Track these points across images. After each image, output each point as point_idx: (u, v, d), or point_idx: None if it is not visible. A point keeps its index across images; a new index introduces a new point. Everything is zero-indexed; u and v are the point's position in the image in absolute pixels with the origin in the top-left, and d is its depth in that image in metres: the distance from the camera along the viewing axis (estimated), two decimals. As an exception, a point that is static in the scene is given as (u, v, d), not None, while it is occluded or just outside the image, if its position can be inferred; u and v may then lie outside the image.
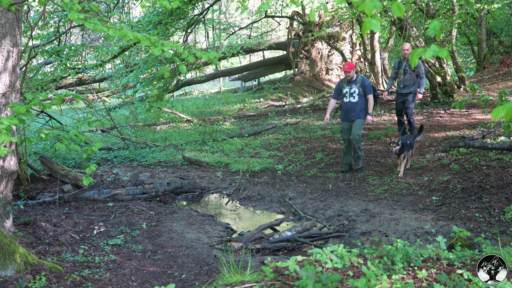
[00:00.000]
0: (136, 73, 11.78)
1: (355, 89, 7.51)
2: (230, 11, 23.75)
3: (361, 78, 7.56)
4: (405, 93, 8.54)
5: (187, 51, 3.19)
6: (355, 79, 7.58)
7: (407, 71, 8.45)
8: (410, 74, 8.44)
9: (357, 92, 7.50)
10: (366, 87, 7.51)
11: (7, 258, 3.65)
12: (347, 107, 7.56)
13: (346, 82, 7.62)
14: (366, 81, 7.54)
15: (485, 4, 5.94)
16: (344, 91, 7.60)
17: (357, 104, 7.50)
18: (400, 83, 8.59)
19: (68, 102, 20.19)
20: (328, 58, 19.00)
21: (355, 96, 7.49)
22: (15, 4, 3.86)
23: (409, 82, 8.46)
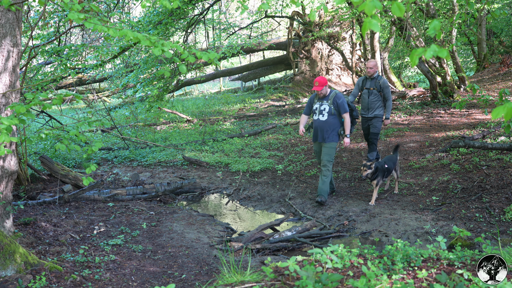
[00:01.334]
0: (136, 73, 11.78)
1: (325, 106, 6.54)
2: (230, 11, 23.76)
3: (334, 95, 6.56)
4: (370, 117, 7.46)
5: (187, 51, 3.19)
6: (328, 95, 6.61)
7: (372, 92, 7.39)
8: (375, 95, 7.38)
9: (327, 110, 6.53)
10: (339, 105, 6.50)
11: (7, 258, 3.65)
12: (315, 125, 6.64)
13: (318, 97, 6.68)
14: (340, 98, 6.54)
15: (485, 4, 5.94)
16: (314, 107, 6.66)
17: (326, 124, 6.51)
18: (364, 105, 7.49)
19: (68, 102, 20.20)
20: (328, 58, 19.01)
21: (324, 114, 6.54)
22: (15, 4, 3.86)
23: (374, 104, 7.40)
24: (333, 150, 6.55)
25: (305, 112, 6.82)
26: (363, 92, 7.48)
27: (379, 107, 7.42)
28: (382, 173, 6.27)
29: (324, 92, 6.57)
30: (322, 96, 6.58)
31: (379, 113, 7.43)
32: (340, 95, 6.57)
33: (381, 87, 7.32)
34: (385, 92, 7.34)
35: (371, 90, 7.38)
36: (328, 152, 6.52)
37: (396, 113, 12.55)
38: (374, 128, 7.47)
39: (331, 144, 6.53)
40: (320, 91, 6.52)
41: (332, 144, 6.53)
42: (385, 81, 7.35)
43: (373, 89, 7.36)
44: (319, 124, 6.55)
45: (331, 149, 6.53)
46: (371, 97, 7.39)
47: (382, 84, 7.31)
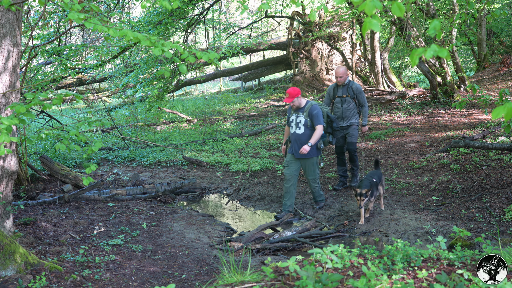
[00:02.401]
0: (136, 73, 11.78)
1: (301, 118, 6.17)
2: (230, 11, 23.76)
3: (310, 106, 6.14)
4: (345, 125, 6.94)
5: (187, 51, 3.19)
6: (304, 106, 6.21)
7: (345, 99, 6.89)
8: (349, 103, 6.90)
9: (303, 123, 6.14)
10: (313, 116, 6.09)
11: (7, 258, 3.65)
12: (292, 139, 6.28)
13: (293, 109, 6.30)
14: (315, 110, 6.11)
15: (485, 4, 5.94)
16: (290, 120, 6.31)
17: (303, 137, 6.15)
18: (338, 115, 6.97)
19: (68, 102, 20.20)
20: (329, 58, 19.00)
21: (300, 127, 6.17)
22: (16, 4, 3.86)
23: (348, 112, 6.91)
24: (316, 166, 6.28)
25: (287, 123, 6.48)
26: (336, 101, 6.98)
27: (355, 114, 6.96)
28: (375, 187, 5.84)
29: (297, 103, 6.16)
30: (296, 107, 6.21)
31: (355, 121, 6.96)
32: (315, 106, 6.17)
33: (354, 93, 6.87)
34: (360, 98, 6.89)
35: (344, 97, 6.90)
36: (311, 170, 6.27)
37: (396, 113, 12.55)
38: (351, 137, 6.97)
39: (312, 160, 6.22)
40: (292, 103, 6.14)
41: (313, 159, 6.23)
42: (358, 86, 6.92)
43: (346, 96, 6.90)
44: (296, 138, 6.21)
45: (314, 166, 6.26)
46: (345, 105, 6.90)
47: (355, 90, 6.87)
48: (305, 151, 5.98)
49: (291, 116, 6.34)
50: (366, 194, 5.61)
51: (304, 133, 6.18)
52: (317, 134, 6.07)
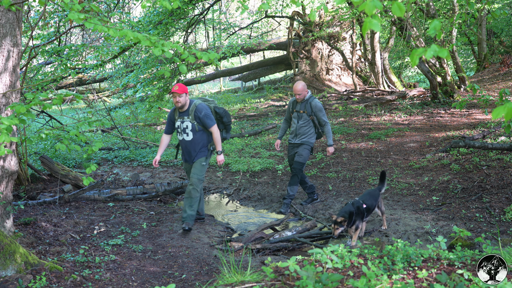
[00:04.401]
0: (136, 73, 11.78)
1: (187, 123, 5.46)
2: (231, 11, 23.76)
3: (194, 108, 5.41)
4: (296, 143, 6.42)
5: (187, 51, 3.19)
6: (188, 108, 5.45)
7: (302, 116, 6.34)
8: (305, 120, 6.33)
9: (191, 128, 5.45)
10: (201, 119, 5.40)
11: (8, 258, 3.65)
12: (182, 146, 5.66)
13: (178, 112, 5.53)
14: (202, 111, 5.39)
15: (486, 4, 5.94)
16: (176, 125, 5.58)
17: (194, 143, 5.52)
18: (292, 130, 6.50)
19: (69, 102, 20.21)
20: (329, 58, 19.01)
21: (188, 132, 5.48)
22: (16, 4, 3.86)
23: (302, 130, 6.36)
24: (204, 167, 5.58)
25: (165, 130, 5.71)
26: (293, 116, 6.47)
27: (310, 134, 6.37)
28: (361, 215, 5.05)
29: (183, 101, 5.39)
30: (181, 108, 5.44)
31: (308, 140, 6.37)
32: (201, 107, 5.42)
33: (312, 110, 6.27)
34: (319, 117, 6.27)
35: (301, 113, 6.34)
36: (198, 169, 5.54)
37: (396, 113, 12.55)
38: (299, 157, 6.36)
39: (201, 160, 5.56)
40: (179, 98, 5.33)
41: (202, 160, 5.56)
42: (318, 104, 6.27)
43: (303, 112, 6.31)
44: (185, 145, 5.58)
45: (201, 166, 5.56)
46: (301, 121, 6.35)
47: (314, 107, 6.26)
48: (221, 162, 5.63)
49: (175, 121, 5.57)
50: (342, 223, 4.84)
51: (194, 140, 5.52)
52: (217, 137, 5.49)
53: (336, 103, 14.70)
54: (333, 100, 15.53)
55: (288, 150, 6.65)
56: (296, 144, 6.43)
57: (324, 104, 14.59)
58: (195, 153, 5.56)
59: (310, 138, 6.38)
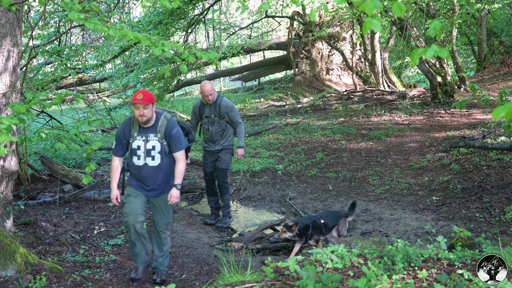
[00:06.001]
0: (136, 73, 11.79)
1: (155, 142, 4.05)
2: (231, 11, 23.76)
3: (165, 123, 4.07)
4: (216, 150, 5.88)
5: (188, 51, 3.20)
6: (156, 122, 4.07)
7: (214, 120, 5.75)
8: (219, 124, 5.77)
9: (159, 149, 4.06)
10: (172, 137, 4.05)
11: (8, 258, 3.65)
12: (142, 175, 4.09)
13: (137, 127, 4.07)
14: (174, 127, 4.07)
15: (486, 4, 5.94)
16: (134, 145, 4.06)
17: (161, 171, 4.11)
18: (207, 137, 5.88)
19: (69, 102, 20.21)
20: (329, 58, 19.01)
21: (155, 156, 4.07)
22: (16, 4, 3.86)
23: (219, 135, 5.82)
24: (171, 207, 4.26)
25: (116, 152, 4.16)
26: (203, 122, 5.84)
27: (228, 136, 5.86)
28: (319, 229, 4.78)
29: (149, 115, 3.96)
30: (146, 123, 4.01)
31: (228, 144, 5.87)
32: (173, 121, 4.13)
33: (221, 112, 5.71)
34: (231, 116, 5.76)
35: (212, 118, 5.75)
36: (166, 210, 4.23)
37: (396, 113, 12.55)
38: (222, 163, 5.86)
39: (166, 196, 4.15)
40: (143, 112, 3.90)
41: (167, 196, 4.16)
42: (228, 103, 5.73)
43: (214, 116, 5.74)
44: (147, 173, 4.08)
45: (169, 207, 4.22)
46: (214, 126, 5.77)
47: (224, 108, 5.71)
48: (175, 199, 4.06)
49: (133, 139, 4.08)
50: (292, 229, 4.57)
51: (161, 166, 4.10)
52: (180, 168, 4.11)
53: (336, 103, 14.70)
54: (333, 100, 15.53)
55: (203, 157, 6.00)
56: (217, 151, 5.89)
57: (324, 104, 14.59)
58: (162, 185, 4.15)
59: (230, 141, 5.91)
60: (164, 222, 4.25)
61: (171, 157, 4.15)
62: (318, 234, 4.79)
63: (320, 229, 4.80)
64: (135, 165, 4.11)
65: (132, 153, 4.12)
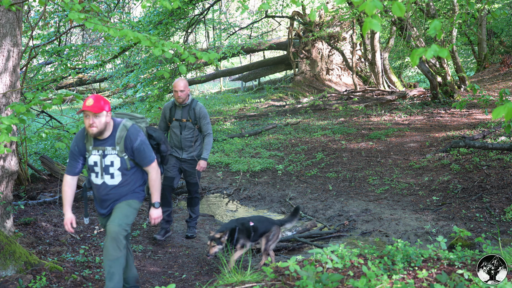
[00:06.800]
0: (136, 73, 11.79)
1: (113, 157, 3.42)
2: (231, 11, 23.76)
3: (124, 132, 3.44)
4: (184, 158, 5.23)
5: (187, 52, 3.20)
6: (113, 132, 3.43)
7: (186, 125, 5.16)
8: (190, 129, 5.18)
9: (119, 166, 3.44)
10: (135, 151, 3.44)
11: (8, 258, 3.65)
12: (99, 194, 3.53)
13: (92, 139, 3.44)
14: (137, 138, 3.45)
15: (486, 4, 5.94)
16: (91, 161, 3.46)
17: (121, 189, 3.49)
18: (175, 143, 5.24)
19: (69, 102, 20.20)
20: (329, 58, 19.01)
21: (114, 173, 3.45)
22: (16, 4, 3.86)
23: (189, 141, 5.20)
24: (133, 211, 3.51)
25: (70, 171, 3.50)
26: (173, 125, 5.22)
27: (198, 145, 5.28)
28: (246, 233, 4.37)
29: (101, 125, 3.31)
30: (99, 134, 3.36)
31: (197, 155, 5.27)
32: (134, 130, 3.45)
33: (196, 117, 5.15)
34: (203, 124, 5.19)
35: (184, 122, 5.16)
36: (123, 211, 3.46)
37: (396, 113, 12.55)
38: (194, 177, 5.30)
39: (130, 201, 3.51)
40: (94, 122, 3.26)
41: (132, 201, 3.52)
42: (202, 108, 5.19)
43: (187, 120, 5.16)
44: (106, 193, 3.49)
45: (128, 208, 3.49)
46: (185, 132, 5.17)
47: (199, 113, 5.16)
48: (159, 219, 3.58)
49: (89, 153, 3.45)
50: (221, 240, 4.14)
51: (123, 183, 3.48)
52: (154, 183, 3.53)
53: (336, 103, 14.70)
54: (333, 100, 15.53)
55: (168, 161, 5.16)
56: (183, 160, 5.25)
57: (324, 104, 14.59)
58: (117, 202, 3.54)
59: (200, 151, 5.29)
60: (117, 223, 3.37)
61: (136, 173, 3.53)
62: (245, 239, 4.33)
63: (248, 233, 4.33)
64: (93, 183, 3.52)
65: (89, 170, 3.50)
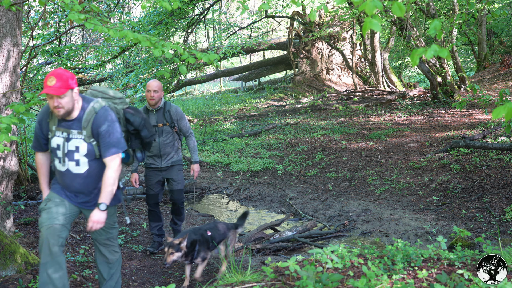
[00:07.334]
0: (136, 73, 11.80)
1: (78, 140, 2.97)
2: (231, 11, 23.76)
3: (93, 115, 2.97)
4: (164, 167, 4.81)
5: (187, 52, 3.19)
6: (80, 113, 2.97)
7: (163, 129, 4.75)
8: (168, 134, 4.77)
9: (86, 151, 2.99)
10: (100, 135, 2.96)
11: (8, 258, 3.65)
12: (64, 182, 3.07)
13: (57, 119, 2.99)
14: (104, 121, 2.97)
15: (486, 4, 5.94)
16: (53, 144, 3.01)
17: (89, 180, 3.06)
18: (153, 150, 4.77)
19: (69, 102, 20.20)
20: (329, 58, 19.01)
21: (79, 160, 3.00)
22: (16, 4, 3.86)
23: (169, 147, 4.79)
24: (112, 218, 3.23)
25: (36, 147, 3.13)
26: None
27: (177, 149, 4.87)
28: (206, 244, 3.98)
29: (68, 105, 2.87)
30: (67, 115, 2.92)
31: (178, 159, 4.86)
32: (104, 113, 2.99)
33: (173, 120, 4.78)
34: (182, 125, 4.82)
35: (161, 127, 4.75)
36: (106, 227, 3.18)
37: (396, 113, 12.55)
38: (177, 184, 4.86)
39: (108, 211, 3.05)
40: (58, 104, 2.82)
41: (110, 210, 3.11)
42: (178, 109, 4.83)
43: (164, 124, 4.75)
44: (72, 183, 3.04)
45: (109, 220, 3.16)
46: (163, 137, 4.76)
47: (175, 115, 4.79)
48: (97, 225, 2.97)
49: (51, 134, 3.01)
50: (180, 247, 3.70)
51: (91, 172, 3.05)
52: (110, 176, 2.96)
53: (336, 103, 14.69)
54: (333, 100, 15.53)
55: (147, 177, 4.86)
56: (165, 168, 4.82)
57: (324, 104, 14.59)
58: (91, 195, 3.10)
59: (179, 155, 4.91)
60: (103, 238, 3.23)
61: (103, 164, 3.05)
62: (205, 251, 3.96)
63: (208, 244, 3.97)
64: (57, 169, 3.07)
65: (52, 153, 3.05)
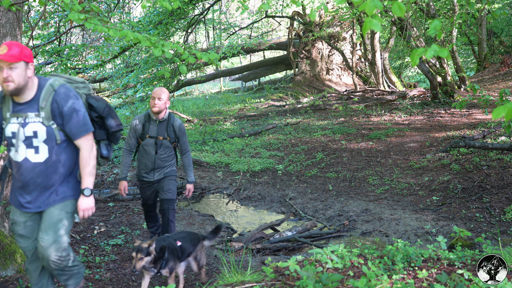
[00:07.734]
0: (136, 73, 11.80)
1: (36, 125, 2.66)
2: (231, 11, 23.76)
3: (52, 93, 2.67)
4: (156, 180, 4.59)
5: (188, 52, 3.19)
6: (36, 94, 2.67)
7: (163, 143, 4.48)
8: (166, 148, 4.53)
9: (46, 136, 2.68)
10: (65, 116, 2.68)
11: (8, 258, 3.65)
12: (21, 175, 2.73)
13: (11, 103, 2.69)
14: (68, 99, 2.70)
15: (486, 4, 5.94)
16: (8, 132, 2.69)
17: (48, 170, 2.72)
18: (146, 164, 4.54)
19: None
20: (329, 58, 19.02)
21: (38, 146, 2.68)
22: (16, 4, 3.86)
23: (164, 161, 4.55)
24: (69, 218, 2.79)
25: None
26: (146, 143, 4.49)
27: (171, 162, 4.64)
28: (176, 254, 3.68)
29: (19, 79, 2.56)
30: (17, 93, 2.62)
31: (171, 170, 4.63)
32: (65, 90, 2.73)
33: (176, 135, 4.53)
34: (183, 142, 4.59)
35: (161, 140, 4.46)
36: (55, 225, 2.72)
37: (396, 113, 12.55)
38: (169, 193, 4.57)
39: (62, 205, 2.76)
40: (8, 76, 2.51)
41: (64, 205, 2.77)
42: (182, 125, 4.59)
43: (164, 138, 4.47)
44: (28, 173, 2.71)
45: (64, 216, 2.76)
46: (161, 151, 4.49)
47: (178, 130, 4.54)
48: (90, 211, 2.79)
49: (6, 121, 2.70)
50: (149, 251, 3.37)
51: (50, 161, 2.72)
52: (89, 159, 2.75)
53: (336, 103, 14.70)
54: (333, 100, 15.53)
55: (141, 189, 4.72)
56: (156, 181, 4.62)
57: (324, 104, 14.59)
58: (49, 190, 2.76)
59: (173, 167, 4.68)
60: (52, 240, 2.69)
61: (67, 150, 2.76)
62: (174, 261, 3.66)
63: (177, 255, 3.69)
64: (13, 160, 2.74)
65: (7, 144, 2.75)
